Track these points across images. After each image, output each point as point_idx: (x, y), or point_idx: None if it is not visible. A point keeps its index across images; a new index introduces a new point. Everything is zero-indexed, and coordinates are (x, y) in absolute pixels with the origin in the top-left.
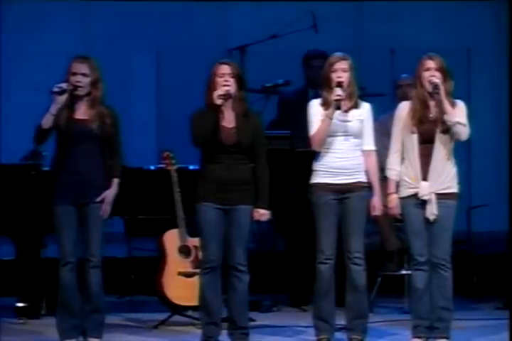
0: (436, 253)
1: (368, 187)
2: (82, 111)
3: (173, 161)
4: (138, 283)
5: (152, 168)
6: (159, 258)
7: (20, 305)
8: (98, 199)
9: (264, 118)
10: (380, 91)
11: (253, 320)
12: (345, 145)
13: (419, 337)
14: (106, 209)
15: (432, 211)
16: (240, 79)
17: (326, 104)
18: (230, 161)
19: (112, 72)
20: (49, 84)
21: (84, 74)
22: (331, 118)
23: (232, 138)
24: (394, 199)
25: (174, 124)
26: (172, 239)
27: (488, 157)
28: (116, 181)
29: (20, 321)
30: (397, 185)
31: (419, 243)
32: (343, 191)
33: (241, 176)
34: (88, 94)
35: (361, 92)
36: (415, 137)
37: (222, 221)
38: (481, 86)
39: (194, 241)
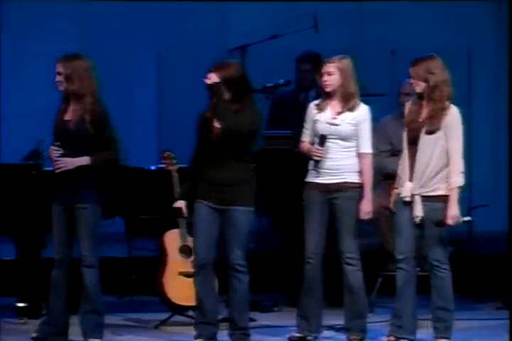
0: (430, 254)
1: (358, 187)
2: (70, 112)
3: (174, 161)
4: (138, 283)
5: (153, 168)
6: (160, 258)
7: (20, 305)
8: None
9: (265, 119)
10: (381, 92)
11: (254, 320)
12: (333, 147)
13: (391, 336)
14: (62, 161)
15: (415, 213)
16: (229, 83)
17: (320, 108)
18: (222, 162)
19: (113, 73)
20: (49, 84)
21: (59, 73)
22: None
23: (219, 139)
24: (394, 195)
25: (175, 124)
26: (173, 239)
27: (488, 157)
28: (87, 158)
29: (21, 321)
30: None
31: (400, 241)
32: (331, 191)
33: (233, 177)
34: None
35: (363, 92)
36: (405, 138)
37: (215, 220)
38: (481, 86)
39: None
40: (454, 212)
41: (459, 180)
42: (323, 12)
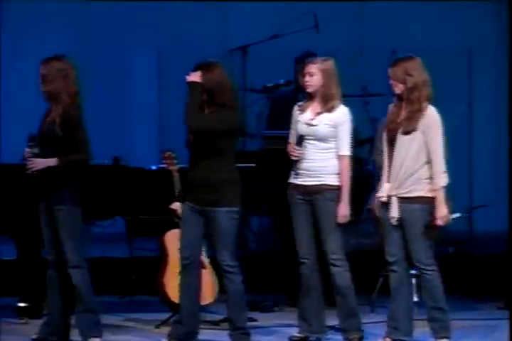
0: (412, 256)
1: (336, 189)
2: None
3: (175, 161)
4: (139, 283)
5: (154, 168)
6: (161, 258)
7: (21, 305)
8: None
9: (265, 119)
10: (381, 92)
11: (254, 320)
12: (311, 147)
13: (387, 337)
14: (33, 161)
15: (390, 214)
16: (210, 85)
17: (302, 108)
18: (200, 162)
19: (113, 73)
20: None
21: (40, 75)
22: None
23: (193, 139)
24: (375, 199)
25: (176, 124)
26: (173, 239)
27: (489, 157)
28: (55, 160)
29: (22, 321)
30: None
31: (388, 243)
32: (309, 193)
33: (212, 177)
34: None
35: (363, 92)
36: (384, 139)
37: (197, 221)
38: (482, 86)
39: None
40: (442, 213)
41: (442, 180)
42: (324, 12)
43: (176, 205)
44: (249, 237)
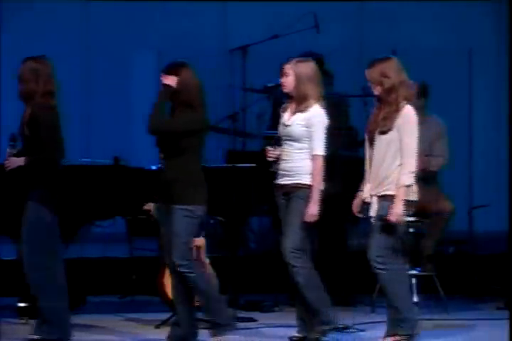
0: (368, 252)
1: (308, 188)
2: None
3: None
4: (139, 283)
5: (154, 168)
6: (161, 258)
7: (21, 305)
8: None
9: (265, 118)
10: None
11: (254, 320)
12: (288, 148)
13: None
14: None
15: (369, 213)
16: (182, 87)
17: (283, 109)
18: (168, 162)
19: (113, 72)
20: None
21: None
22: None
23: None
24: (356, 198)
25: None
26: None
27: (489, 157)
28: (24, 159)
29: (22, 321)
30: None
31: None
32: (287, 192)
33: (173, 176)
34: None
35: (363, 92)
36: (366, 139)
37: (166, 221)
38: (482, 86)
39: (195, 241)
40: (397, 210)
41: (406, 179)
42: (324, 12)
43: (149, 205)
44: (249, 237)
